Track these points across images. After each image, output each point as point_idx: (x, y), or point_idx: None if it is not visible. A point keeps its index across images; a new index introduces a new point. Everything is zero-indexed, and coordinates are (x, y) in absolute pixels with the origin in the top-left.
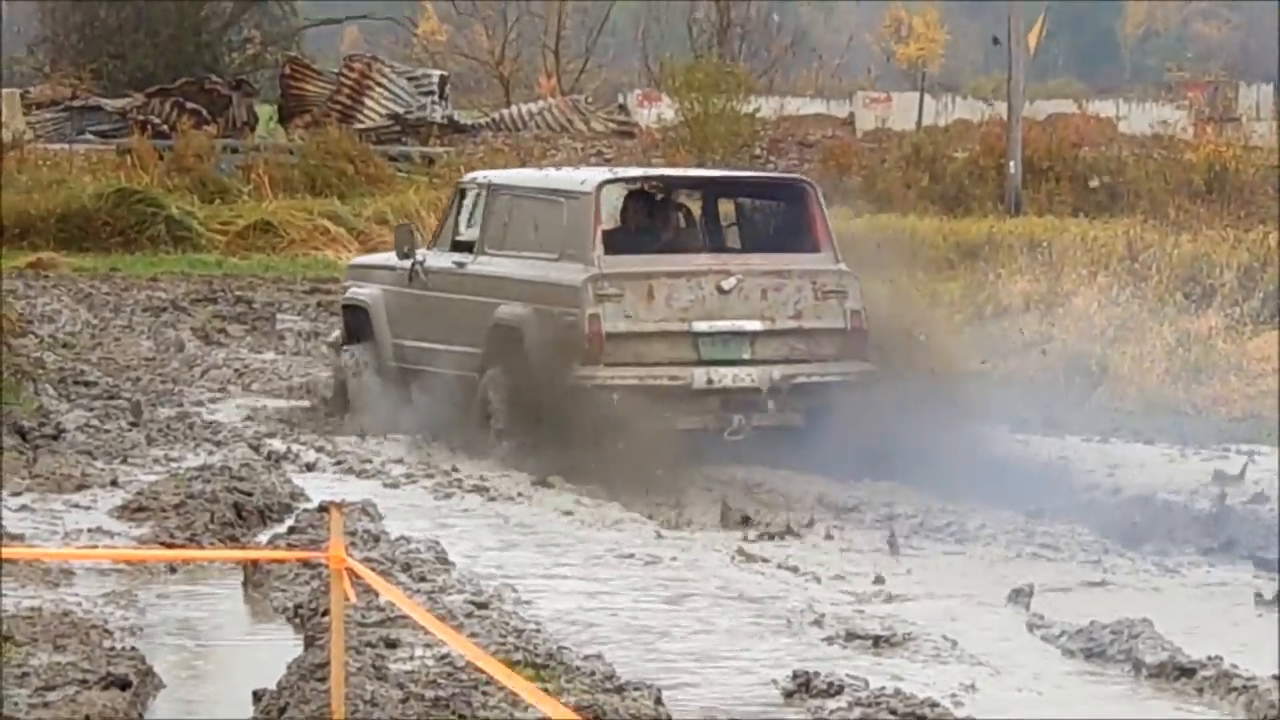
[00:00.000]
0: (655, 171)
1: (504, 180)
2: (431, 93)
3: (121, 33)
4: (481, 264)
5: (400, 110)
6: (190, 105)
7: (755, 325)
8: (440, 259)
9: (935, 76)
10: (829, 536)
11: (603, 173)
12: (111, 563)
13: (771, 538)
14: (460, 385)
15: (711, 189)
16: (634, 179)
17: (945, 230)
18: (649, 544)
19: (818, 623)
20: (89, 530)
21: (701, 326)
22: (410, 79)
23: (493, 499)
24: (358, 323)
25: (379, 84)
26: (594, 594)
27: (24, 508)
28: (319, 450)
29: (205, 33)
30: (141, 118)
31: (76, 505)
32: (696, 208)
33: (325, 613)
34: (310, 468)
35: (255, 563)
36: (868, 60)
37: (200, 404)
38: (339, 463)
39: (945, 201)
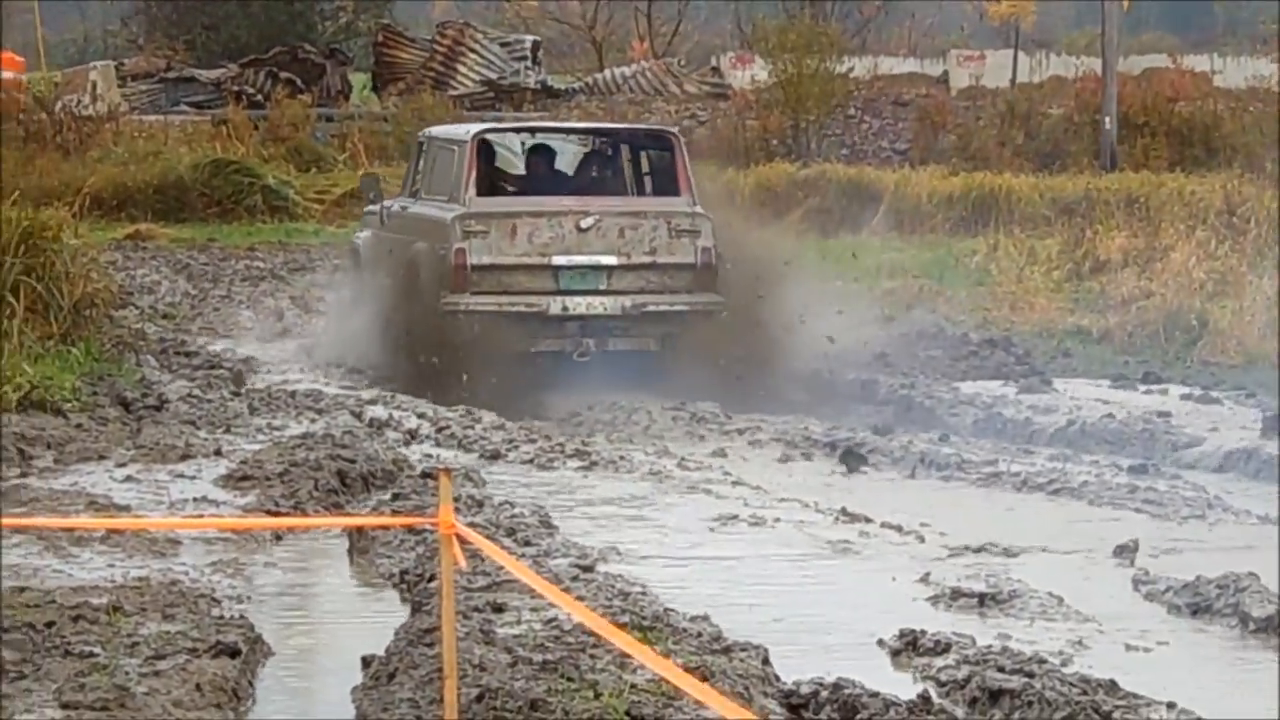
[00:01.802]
0: (531, 124)
1: (433, 133)
2: (524, 58)
3: (214, 3)
4: (414, 207)
5: (493, 76)
6: (284, 75)
7: (611, 260)
8: (398, 204)
9: (1028, 33)
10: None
11: (481, 125)
12: (217, 531)
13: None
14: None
15: (584, 139)
16: (510, 129)
17: (1041, 187)
18: (751, 505)
19: (923, 580)
20: (194, 500)
21: (560, 260)
22: (503, 45)
23: (593, 463)
24: (354, 262)
25: (472, 50)
26: (696, 556)
27: (129, 478)
28: (420, 417)
29: (298, 2)
30: (236, 88)
31: (181, 475)
32: (568, 156)
33: (431, 578)
34: (413, 435)
35: (361, 529)
36: (960, 18)
37: (302, 372)
38: (441, 429)
39: (1041, 159)
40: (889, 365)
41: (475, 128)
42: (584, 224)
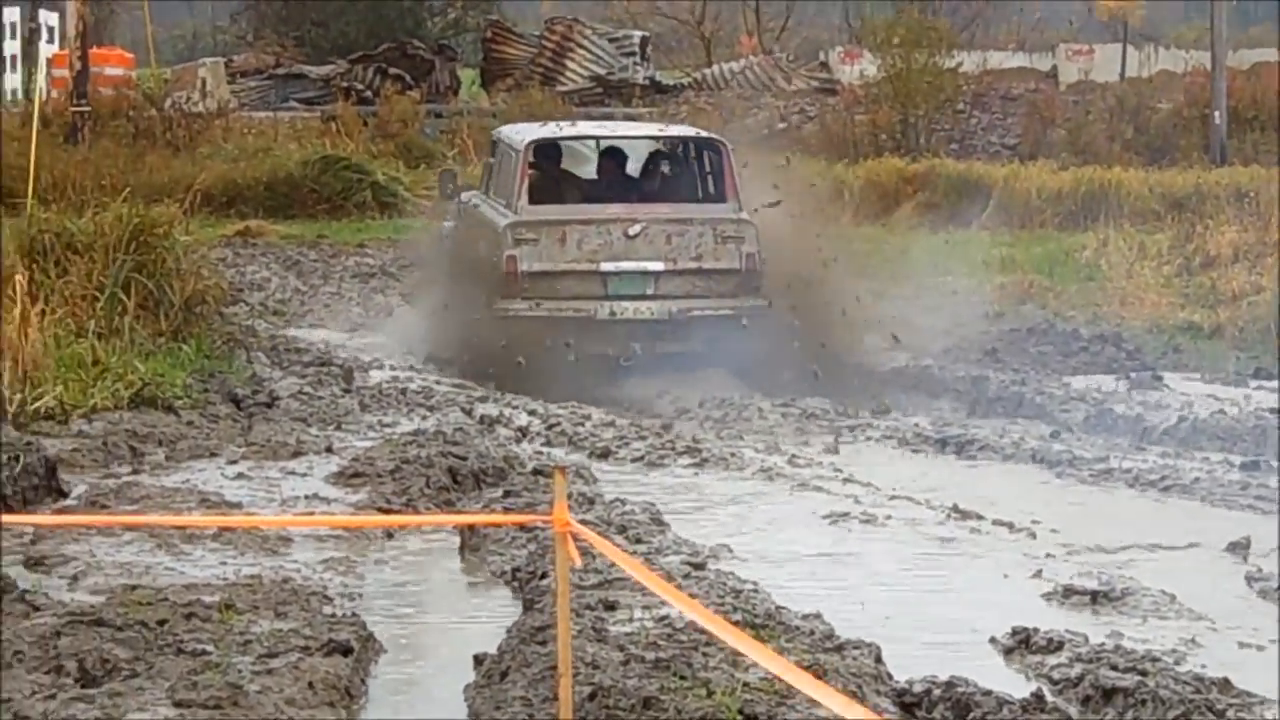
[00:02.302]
0: (584, 131)
1: (502, 134)
2: (633, 54)
3: (324, 0)
4: (482, 206)
5: (602, 72)
6: (393, 71)
7: (658, 266)
8: (473, 200)
9: (1137, 28)
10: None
11: (536, 130)
12: (329, 529)
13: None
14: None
15: (635, 146)
16: (564, 138)
17: (1151, 182)
18: (862, 503)
19: (1035, 577)
20: (305, 497)
21: (608, 266)
22: (611, 40)
23: (704, 460)
24: (437, 252)
25: (580, 46)
26: (807, 554)
27: (240, 475)
28: (531, 414)
29: None
30: (345, 84)
31: (292, 472)
32: (619, 163)
33: (543, 576)
34: (523, 432)
35: (473, 527)
36: (1069, 12)
37: (412, 369)
38: (551, 426)
39: (1150, 153)
40: (1000, 361)
41: (531, 134)
42: (631, 231)
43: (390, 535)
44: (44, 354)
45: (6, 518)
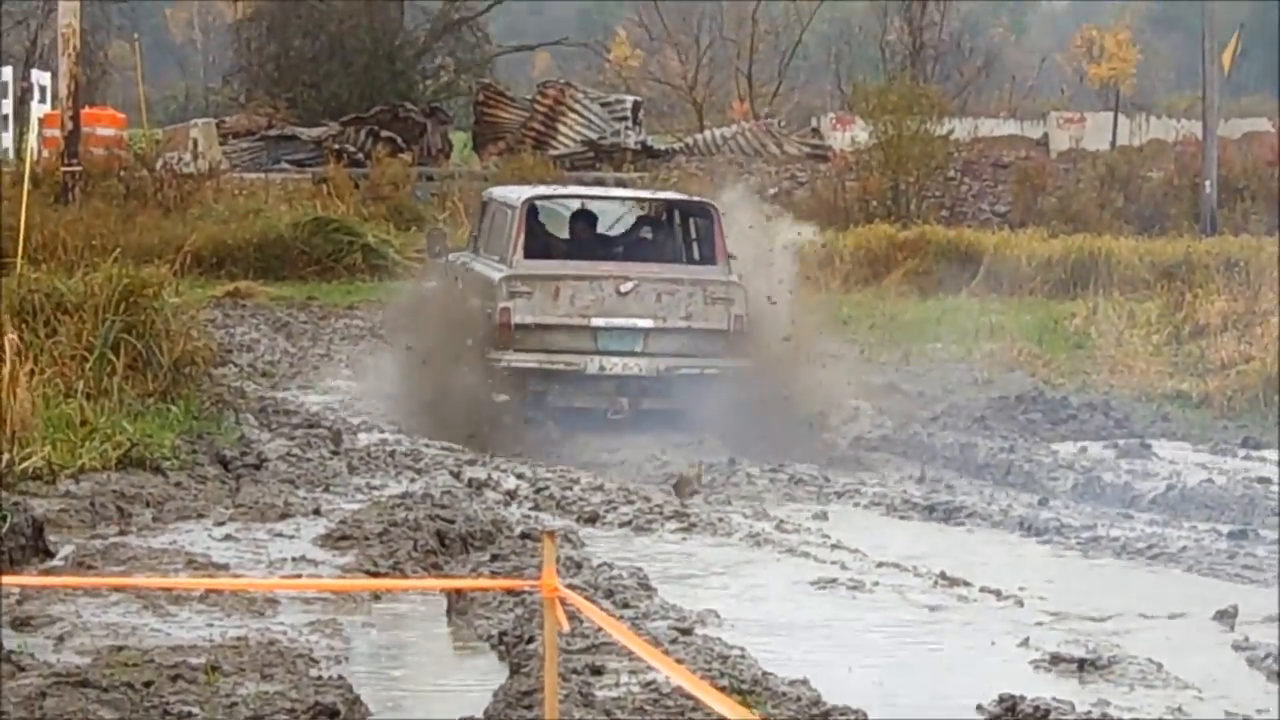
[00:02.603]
0: (579, 191)
1: (494, 194)
2: (625, 118)
3: (316, 62)
4: (474, 264)
5: (594, 136)
6: (385, 133)
7: (648, 323)
8: (461, 259)
9: (1128, 96)
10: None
11: (531, 190)
12: (316, 591)
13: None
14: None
15: (629, 206)
16: (558, 196)
17: (1141, 250)
18: (849, 569)
19: (1023, 645)
20: (293, 559)
21: (599, 322)
22: (604, 104)
23: (692, 525)
24: (421, 311)
25: (572, 110)
26: (794, 620)
27: (228, 537)
28: (519, 477)
29: (399, 61)
30: (337, 146)
31: (280, 534)
32: (613, 222)
33: (530, 640)
34: (511, 495)
35: (460, 591)
36: (1060, 80)
37: (400, 431)
38: (539, 490)
39: (1140, 221)
40: (988, 428)
41: (527, 193)
42: (623, 288)
43: (377, 597)
44: (32, 414)
45: None
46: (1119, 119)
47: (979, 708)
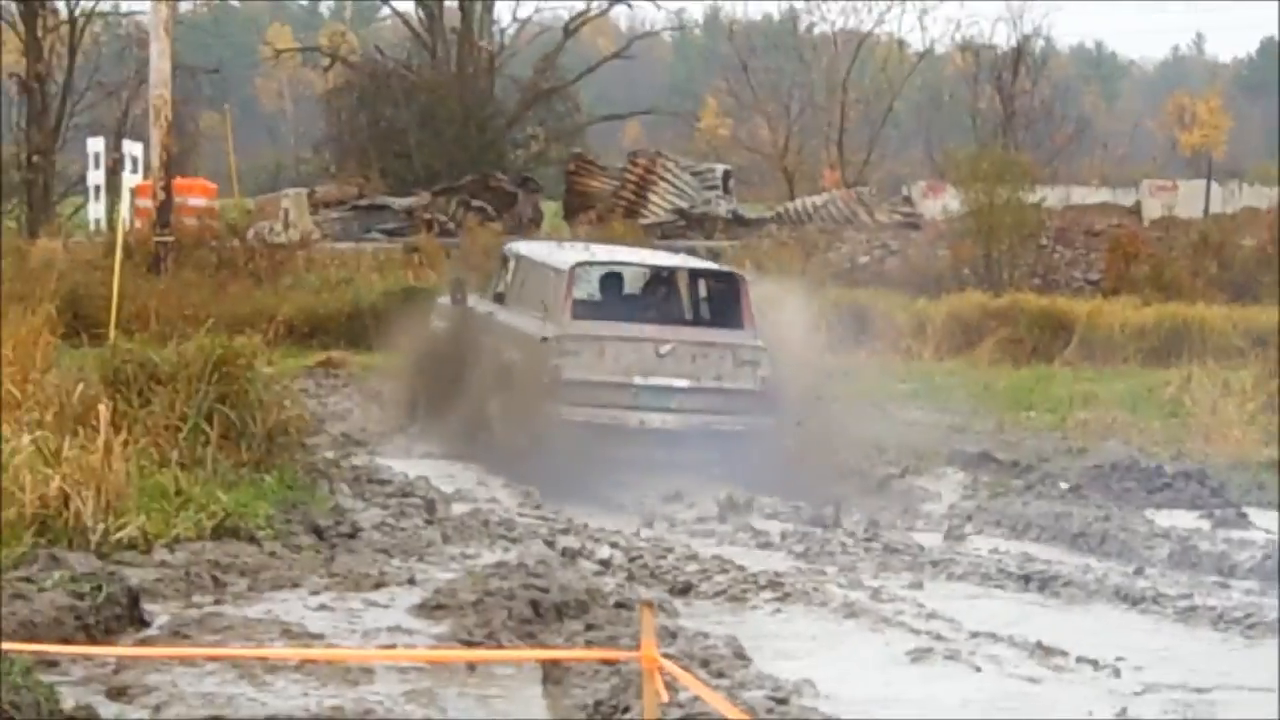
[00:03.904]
0: (621, 257)
1: (524, 251)
2: (715, 187)
3: (407, 132)
4: (504, 313)
5: (685, 205)
6: (476, 203)
7: (683, 383)
8: (484, 305)
9: (1220, 163)
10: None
11: (579, 254)
12: (411, 661)
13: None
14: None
15: (665, 273)
16: (603, 263)
17: (1234, 318)
18: (945, 639)
19: (1119, 716)
20: (388, 628)
21: (639, 380)
22: (694, 174)
23: (786, 595)
24: (429, 346)
25: (663, 179)
26: (891, 691)
27: (323, 606)
28: (613, 546)
29: (490, 130)
30: (428, 216)
31: (374, 604)
32: (651, 287)
33: (626, 710)
34: (605, 564)
35: (556, 660)
36: (1151, 147)
37: (494, 500)
38: (634, 559)
39: (1233, 289)
40: (1082, 497)
41: (571, 257)
42: (662, 350)
43: (472, 668)
44: (127, 484)
45: (89, 648)
46: (1211, 186)
47: None
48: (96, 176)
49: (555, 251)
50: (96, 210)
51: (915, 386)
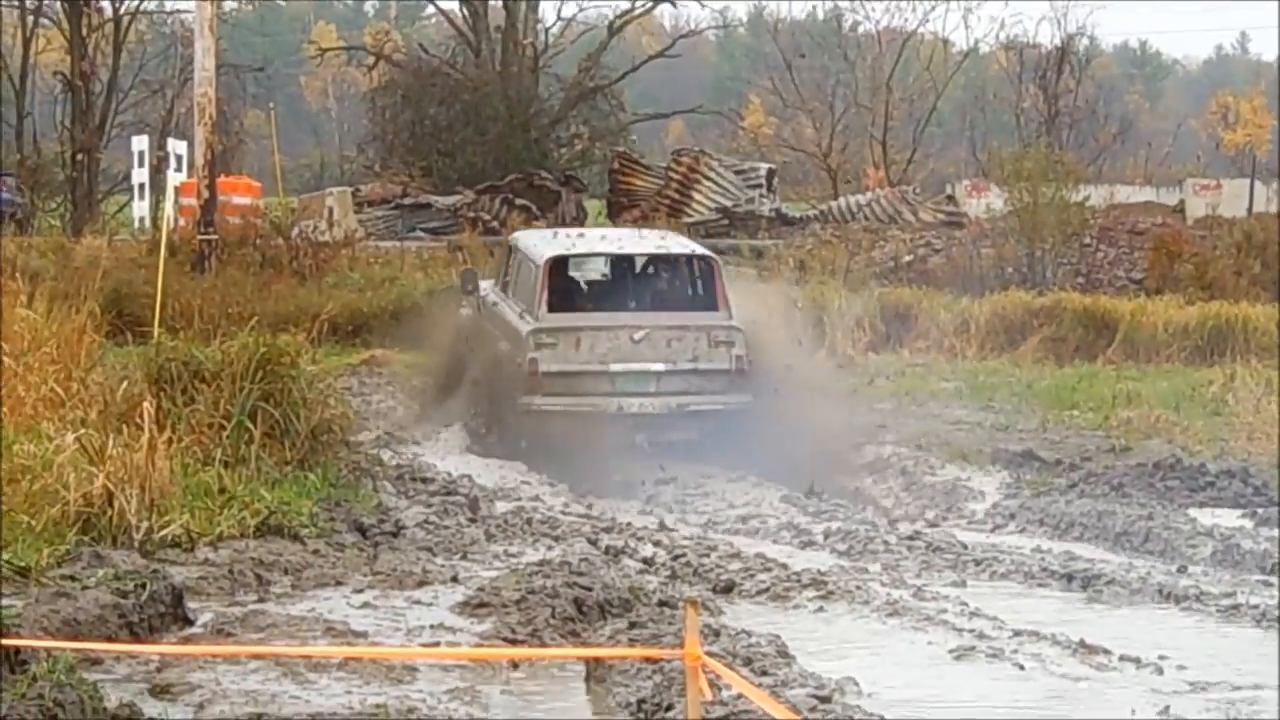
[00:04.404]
0: (595, 249)
1: (519, 242)
2: (759, 185)
3: (451, 130)
4: (501, 305)
5: (728, 204)
6: (519, 201)
7: (659, 366)
8: (492, 295)
9: (1264, 161)
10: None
11: (556, 247)
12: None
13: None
14: (481, 390)
15: (638, 262)
16: (579, 255)
17: (1278, 317)
18: (988, 637)
19: (1163, 714)
20: (431, 627)
21: (617, 367)
22: (738, 172)
23: (829, 593)
24: (456, 336)
25: (707, 177)
26: (934, 690)
27: (366, 605)
28: (656, 545)
29: (534, 129)
30: (471, 214)
31: (418, 602)
32: (626, 276)
33: (669, 708)
34: (648, 562)
35: (599, 658)
36: (1195, 147)
37: (537, 499)
38: (677, 557)
39: (1277, 288)
40: (1126, 495)
41: (551, 250)
42: (637, 336)
43: (515, 665)
44: (170, 482)
45: (133, 646)
46: (1255, 185)
47: None
48: (141, 175)
49: (541, 243)
50: (141, 208)
51: (958, 385)
